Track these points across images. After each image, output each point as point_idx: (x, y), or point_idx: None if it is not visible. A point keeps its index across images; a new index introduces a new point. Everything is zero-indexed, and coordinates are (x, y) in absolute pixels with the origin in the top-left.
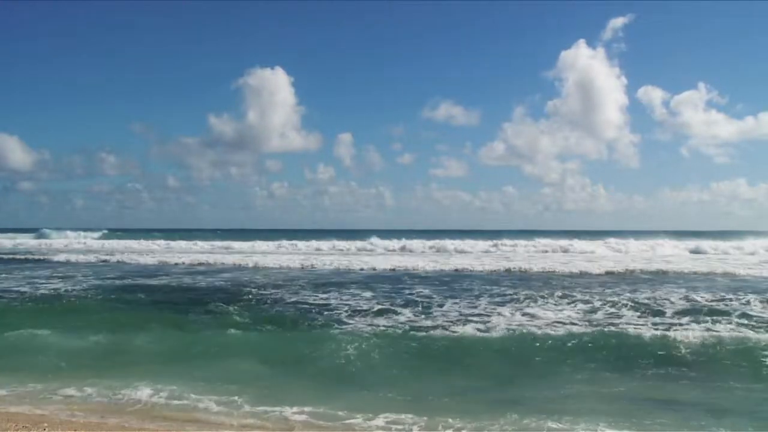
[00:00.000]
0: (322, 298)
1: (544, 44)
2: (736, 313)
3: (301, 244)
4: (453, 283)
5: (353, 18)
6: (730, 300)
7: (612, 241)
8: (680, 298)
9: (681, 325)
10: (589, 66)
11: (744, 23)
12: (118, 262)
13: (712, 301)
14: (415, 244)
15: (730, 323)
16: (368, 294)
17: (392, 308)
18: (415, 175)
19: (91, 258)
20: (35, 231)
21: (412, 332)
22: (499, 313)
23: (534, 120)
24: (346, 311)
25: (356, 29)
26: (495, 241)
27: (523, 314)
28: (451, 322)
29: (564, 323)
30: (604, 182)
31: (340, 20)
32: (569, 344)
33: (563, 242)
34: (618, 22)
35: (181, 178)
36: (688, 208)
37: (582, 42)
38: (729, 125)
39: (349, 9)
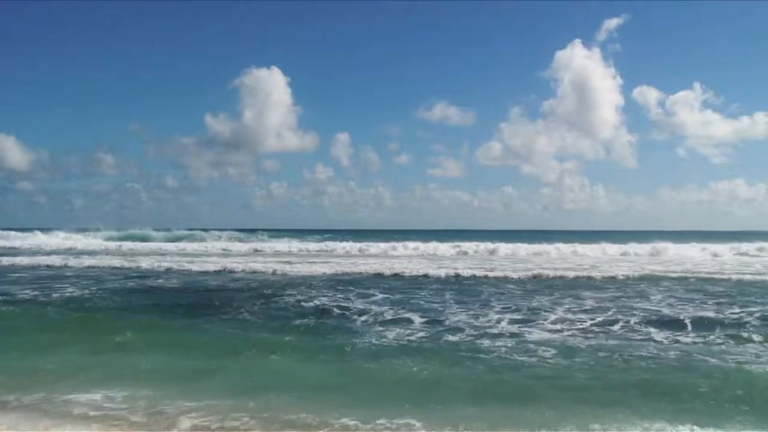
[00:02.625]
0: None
1: (539, 45)
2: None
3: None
4: None
5: (349, 18)
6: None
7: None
8: None
9: None
10: (585, 66)
11: (738, 24)
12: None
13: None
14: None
15: None
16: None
17: None
18: (413, 175)
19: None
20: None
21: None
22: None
23: (530, 120)
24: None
25: (352, 29)
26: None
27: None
28: None
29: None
30: (602, 182)
31: (335, 20)
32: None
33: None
34: (612, 23)
35: (180, 178)
36: (687, 209)
37: (577, 42)
38: (725, 125)
39: (345, 9)
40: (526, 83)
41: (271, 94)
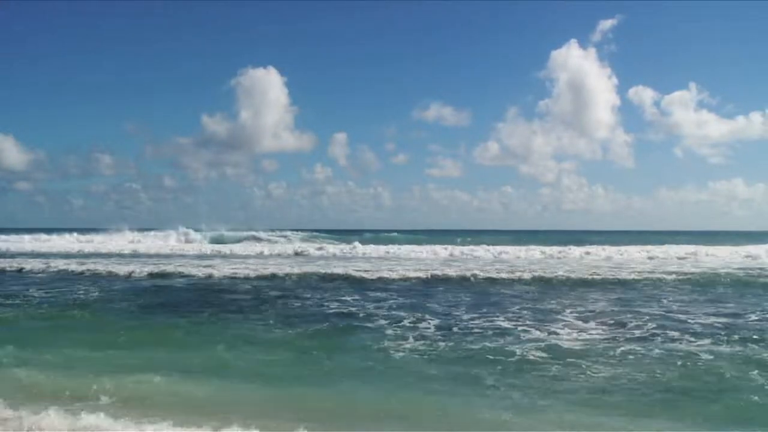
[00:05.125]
0: None
1: (534, 45)
2: None
3: None
4: None
5: (345, 18)
6: None
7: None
8: None
9: None
10: (580, 66)
11: (732, 24)
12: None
13: None
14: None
15: None
16: None
17: None
18: (411, 175)
19: None
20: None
21: None
22: None
23: (527, 120)
24: None
25: (348, 29)
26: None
27: None
28: None
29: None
30: (601, 182)
31: (332, 20)
32: None
33: None
34: (607, 23)
35: (178, 178)
36: (686, 209)
37: (572, 42)
38: (721, 125)
39: (342, 9)
40: (521, 83)
41: (267, 94)
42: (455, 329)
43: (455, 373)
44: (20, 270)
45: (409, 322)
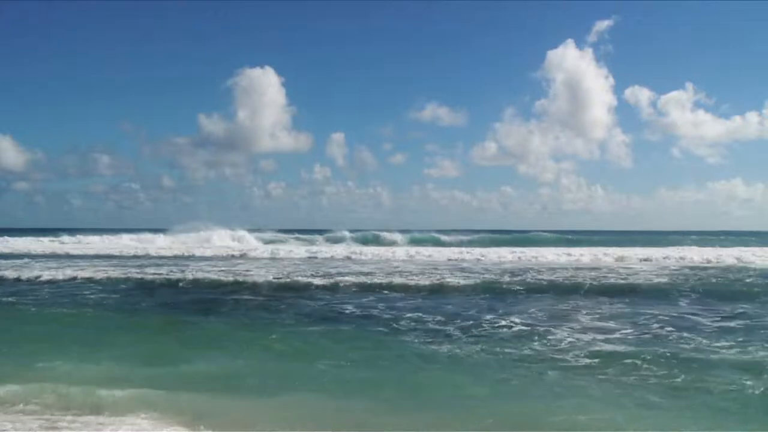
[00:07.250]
0: None
1: (530, 45)
2: None
3: None
4: None
5: (342, 18)
6: None
7: None
8: None
9: None
10: (577, 66)
11: (729, 24)
12: None
13: None
14: None
15: None
16: None
17: None
18: (409, 175)
19: None
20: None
21: None
22: None
23: (524, 120)
24: None
25: (345, 29)
26: None
27: None
28: None
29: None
30: (599, 182)
31: (328, 20)
32: None
33: None
34: (603, 24)
35: (176, 178)
36: (685, 208)
37: (569, 43)
38: (717, 125)
39: (339, 9)
40: (518, 83)
41: (264, 94)
42: (477, 331)
43: (491, 376)
44: None
45: (432, 326)
